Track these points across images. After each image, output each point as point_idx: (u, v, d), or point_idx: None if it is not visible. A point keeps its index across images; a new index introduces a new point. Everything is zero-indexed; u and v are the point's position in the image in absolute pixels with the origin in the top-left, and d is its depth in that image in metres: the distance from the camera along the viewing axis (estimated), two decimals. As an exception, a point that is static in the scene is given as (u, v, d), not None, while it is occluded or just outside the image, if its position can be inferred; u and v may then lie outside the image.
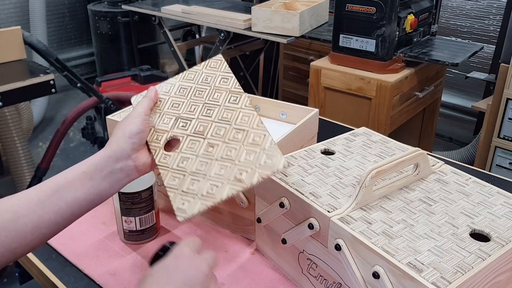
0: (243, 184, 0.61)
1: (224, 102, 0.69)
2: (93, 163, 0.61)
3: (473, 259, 0.56)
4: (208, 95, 0.71)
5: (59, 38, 3.89)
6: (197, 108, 0.70)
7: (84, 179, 0.60)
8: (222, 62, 0.73)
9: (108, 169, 0.61)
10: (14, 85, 1.62)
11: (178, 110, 0.70)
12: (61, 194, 0.59)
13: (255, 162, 0.62)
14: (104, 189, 0.61)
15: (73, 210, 0.59)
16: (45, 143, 2.97)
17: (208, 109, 0.69)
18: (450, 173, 0.75)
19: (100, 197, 0.61)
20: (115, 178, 0.61)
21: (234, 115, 0.67)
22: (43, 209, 0.57)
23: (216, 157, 0.64)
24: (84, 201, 0.60)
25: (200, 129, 0.67)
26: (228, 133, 0.66)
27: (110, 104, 2.21)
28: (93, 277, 0.79)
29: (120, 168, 0.61)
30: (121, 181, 0.62)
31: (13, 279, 1.97)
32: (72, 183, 0.59)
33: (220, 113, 0.68)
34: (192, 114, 0.69)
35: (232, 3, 2.71)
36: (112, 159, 0.61)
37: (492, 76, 2.25)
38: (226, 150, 0.64)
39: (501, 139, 1.91)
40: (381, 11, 1.73)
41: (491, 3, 2.73)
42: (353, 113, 1.93)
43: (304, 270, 0.73)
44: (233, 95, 0.69)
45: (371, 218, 0.64)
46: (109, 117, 0.96)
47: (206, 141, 0.66)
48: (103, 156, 0.61)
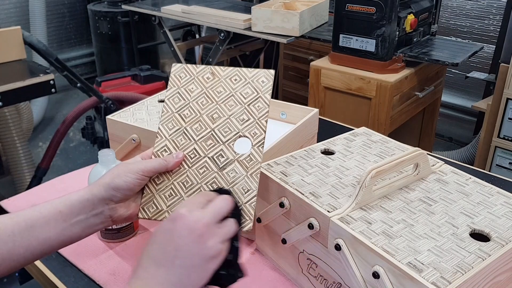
0: None
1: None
2: (71, 204, 0.61)
3: (473, 259, 0.56)
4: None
5: (59, 38, 3.89)
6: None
7: (59, 219, 0.60)
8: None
9: (83, 215, 0.61)
10: (14, 85, 1.62)
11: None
12: (34, 231, 0.58)
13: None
14: (76, 233, 0.61)
15: (43, 248, 0.59)
16: (45, 143, 2.97)
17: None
18: (450, 173, 0.75)
19: (71, 240, 0.61)
20: (88, 223, 0.61)
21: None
22: (15, 243, 0.57)
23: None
24: (55, 241, 0.60)
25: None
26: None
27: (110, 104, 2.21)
28: (93, 277, 0.79)
29: (94, 214, 0.61)
30: (94, 227, 0.62)
31: (13, 279, 1.97)
32: (47, 221, 0.59)
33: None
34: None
35: (232, 3, 2.71)
36: (89, 204, 0.61)
37: (492, 76, 2.25)
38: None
39: (501, 139, 1.91)
40: (381, 11, 1.73)
41: (491, 3, 2.73)
42: (353, 113, 1.93)
43: (304, 270, 0.73)
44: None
45: (371, 218, 0.64)
46: (109, 117, 0.96)
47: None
48: (82, 197, 0.61)
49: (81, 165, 1.36)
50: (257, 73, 0.71)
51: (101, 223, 0.62)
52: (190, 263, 0.53)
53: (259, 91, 0.70)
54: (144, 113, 0.98)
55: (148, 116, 0.97)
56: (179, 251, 0.53)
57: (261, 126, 0.67)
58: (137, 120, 0.95)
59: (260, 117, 0.68)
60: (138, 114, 0.98)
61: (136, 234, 0.88)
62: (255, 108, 0.69)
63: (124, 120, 0.95)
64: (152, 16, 2.65)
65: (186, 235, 0.54)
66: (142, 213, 0.65)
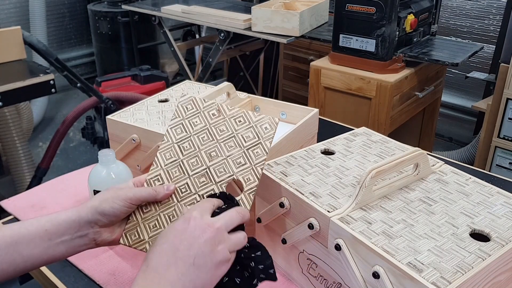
0: None
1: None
2: (58, 224, 0.61)
3: (473, 259, 0.56)
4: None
5: (59, 38, 3.89)
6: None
7: (44, 237, 0.60)
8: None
9: (68, 235, 0.61)
10: (14, 85, 1.61)
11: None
12: (19, 247, 0.59)
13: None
14: (59, 253, 0.61)
15: (26, 265, 0.60)
16: (45, 143, 2.97)
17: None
18: (450, 173, 0.75)
19: (54, 259, 0.61)
20: (72, 244, 0.62)
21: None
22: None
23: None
24: (38, 259, 0.60)
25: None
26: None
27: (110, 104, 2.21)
28: (93, 277, 0.79)
29: (79, 235, 0.62)
30: (78, 248, 0.63)
31: (13, 279, 1.97)
32: (32, 238, 0.59)
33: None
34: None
35: (232, 3, 2.71)
36: (75, 225, 0.61)
37: (492, 76, 2.25)
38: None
39: (501, 139, 1.91)
40: (381, 11, 1.73)
41: (491, 3, 2.73)
42: (353, 113, 1.93)
43: (304, 270, 0.73)
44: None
45: (371, 218, 0.64)
46: (109, 117, 0.96)
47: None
48: (69, 218, 0.61)
49: (81, 165, 1.36)
50: (262, 118, 0.71)
51: (84, 245, 0.63)
52: (202, 262, 0.54)
53: (261, 137, 0.70)
54: (144, 113, 0.98)
55: (148, 116, 0.97)
56: (192, 250, 0.54)
57: (256, 172, 0.67)
58: (137, 120, 0.95)
59: (256, 164, 0.67)
60: (138, 114, 0.98)
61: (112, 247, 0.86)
62: (253, 153, 0.68)
63: (124, 120, 0.95)
64: (152, 16, 2.65)
65: (199, 235, 0.54)
66: (124, 240, 0.65)
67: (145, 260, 0.55)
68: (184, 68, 2.74)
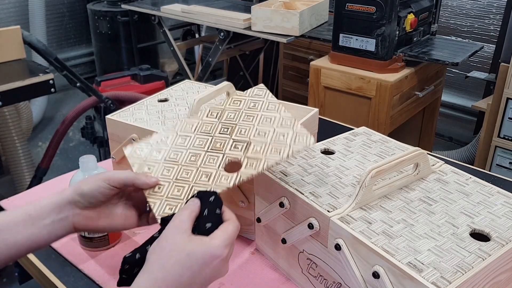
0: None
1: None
2: (40, 207, 0.61)
3: (473, 259, 0.56)
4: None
5: (59, 38, 3.89)
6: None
7: (28, 222, 0.60)
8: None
9: (50, 218, 0.61)
10: (14, 85, 1.61)
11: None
12: (3, 235, 0.59)
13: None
14: (42, 237, 0.61)
15: (11, 253, 0.60)
16: (45, 142, 2.97)
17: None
18: (450, 173, 0.75)
19: (37, 245, 0.61)
20: (54, 228, 0.61)
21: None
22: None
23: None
24: (22, 246, 0.60)
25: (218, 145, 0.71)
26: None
27: (110, 104, 2.21)
28: (93, 277, 0.78)
29: (60, 218, 0.62)
30: (59, 232, 0.62)
31: (13, 279, 1.97)
32: (16, 224, 0.60)
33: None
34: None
35: (232, 3, 2.71)
36: (57, 207, 0.62)
37: (492, 76, 2.25)
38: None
39: (501, 139, 1.91)
40: (381, 10, 1.73)
41: (491, 3, 2.73)
42: (353, 113, 1.93)
43: (304, 270, 0.72)
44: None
45: (371, 218, 0.64)
46: (108, 116, 0.96)
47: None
48: (51, 200, 0.62)
49: (80, 164, 1.36)
50: (304, 132, 0.72)
51: (65, 229, 0.62)
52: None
53: (291, 145, 0.70)
54: (143, 113, 0.98)
55: (148, 115, 0.97)
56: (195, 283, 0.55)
57: (261, 164, 0.68)
58: (137, 120, 0.95)
59: (268, 159, 0.68)
60: (137, 113, 0.98)
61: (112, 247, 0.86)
62: (272, 150, 0.70)
63: (124, 120, 0.94)
64: (152, 15, 2.65)
65: (207, 273, 0.55)
66: (160, 212, 0.63)
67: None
68: (183, 67, 2.74)
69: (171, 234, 0.56)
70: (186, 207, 0.59)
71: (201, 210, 0.59)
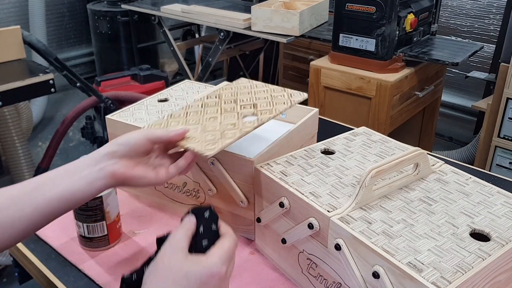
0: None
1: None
2: (77, 163, 0.63)
3: (473, 259, 0.56)
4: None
5: (59, 38, 3.89)
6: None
7: (65, 176, 0.62)
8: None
9: (88, 169, 0.62)
10: (14, 85, 1.61)
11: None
12: (41, 190, 0.60)
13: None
14: (80, 188, 0.61)
15: (51, 206, 0.60)
16: (45, 142, 2.97)
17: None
18: (450, 173, 0.75)
19: (76, 198, 0.62)
20: (91, 178, 0.62)
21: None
22: (23, 203, 0.59)
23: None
24: (61, 199, 0.60)
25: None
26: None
27: (110, 104, 2.21)
28: (93, 277, 0.78)
29: (98, 169, 0.62)
30: (96, 182, 0.62)
31: (13, 279, 1.97)
32: (53, 179, 0.61)
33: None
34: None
35: (231, 3, 2.71)
36: (93, 161, 0.63)
37: (492, 76, 2.25)
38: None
39: (501, 139, 1.91)
40: (381, 10, 1.73)
41: (492, 2, 2.73)
42: (353, 113, 1.93)
43: (304, 270, 0.72)
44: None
45: (371, 217, 0.64)
46: (108, 116, 0.96)
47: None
48: (88, 157, 0.64)
49: (80, 164, 1.35)
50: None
51: (103, 179, 0.62)
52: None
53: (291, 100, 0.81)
54: (143, 113, 0.98)
55: (148, 115, 0.97)
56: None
57: (276, 109, 0.79)
58: (137, 120, 0.95)
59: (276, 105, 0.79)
60: (137, 113, 0.98)
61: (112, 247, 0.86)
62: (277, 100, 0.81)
63: (124, 120, 0.94)
64: (152, 15, 2.65)
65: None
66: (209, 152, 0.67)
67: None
68: (183, 67, 2.74)
69: (168, 254, 0.56)
70: (182, 226, 0.58)
71: (196, 227, 0.59)
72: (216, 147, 0.67)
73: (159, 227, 0.90)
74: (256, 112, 0.77)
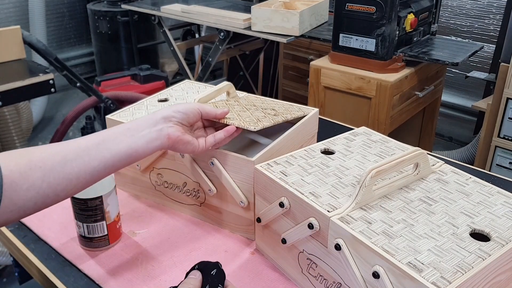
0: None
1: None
2: (137, 123, 0.70)
3: (473, 259, 0.56)
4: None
5: (59, 38, 3.89)
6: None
7: (127, 134, 0.68)
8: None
9: (147, 129, 0.69)
10: (14, 85, 1.61)
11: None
12: (106, 144, 0.65)
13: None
14: (141, 146, 0.68)
15: (114, 160, 0.66)
16: (45, 142, 2.97)
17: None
18: (450, 173, 0.75)
19: (137, 153, 0.68)
20: (150, 137, 0.69)
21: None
22: (90, 156, 0.63)
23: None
24: (124, 154, 0.66)
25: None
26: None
27: (110, 104, 2.21)
28: (93, 277, 0.78)
29: (156, 130, 0.70)
30: (154, 141, 0.69)
31: (13, 279, 1.97)
32: (116, 135, 0.67)
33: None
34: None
35: (231, 3, 2.71)
36: (152, 121, 0.70)
37: (492, 76, 2.25)
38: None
39: (501, 139, 1.91)
40: (381, 10, 1.73)
41: (491, 2, 2.73)
42: (353, 113, 1.93)
43: (304, 270, 0.72)
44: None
45: (371, 217, 0.64)
46: (108, 116, 0.96)
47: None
48: (147, 116, 0.72)
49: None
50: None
51: (160, 139, 0.70)
52: None
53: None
54: (143, 113, 0.98)
55: (148, 115, 0.97)
56: None
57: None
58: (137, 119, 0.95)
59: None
60: (137, 113, 0.98)
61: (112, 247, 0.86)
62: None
63: (124, 120, 0.94)
64: (152, 15, 2.65)
65: None
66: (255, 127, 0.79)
67: None
68: (183, 67, 2.74)
69: None
70: (187, 282, 0.59)
71: (202, 285, 0.58)
72: (259, 125, 0.79)
73: (159, 227, 0.91)
74: (277, 113, 0.88)
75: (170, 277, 0.78)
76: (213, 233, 0.89)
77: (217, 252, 0.84)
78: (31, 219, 0.92)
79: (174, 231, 0.89)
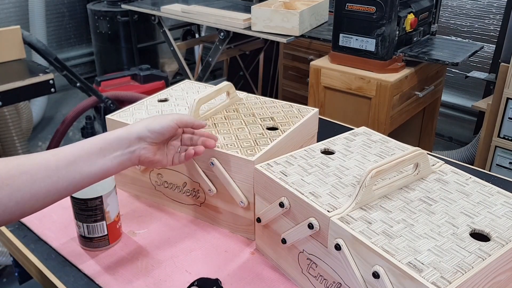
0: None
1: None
2: (110, 141, 0.68)
3: (473, 259, 0.56)
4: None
5: (59, 38, 3.89)
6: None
7: (99, 155, 0.66)
8: None
9: (120, 150, 0.68)
10: (14, 85, 1.61)
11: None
12: (77, 165, 0.64)
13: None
14: (112, 168, 0.67)
15: (84, 182, 0.65)
16: (45, 142, 2.97)
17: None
18: (450, 173, 0.75)
19: (108, 174, 0.68)
20: (122, 159, 0.68)
21: None
22: (59, 177, 0.62)
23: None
24: (94, 175, 0.66)
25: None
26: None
27: (110, 104, 2.21)
28: (93, 277, 0.78)
29: (128, 151, 0.69)
30: (126, 162, 0.69)
31: (13, 279, 1.97)
32: (89, 155, 0.65)
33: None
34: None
35: (232, 3, 2.70)
36: (126, 141, 0.69)
37: (492, 76, 2.25)
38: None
39: (501, 139, 1.91)
40: (381, 10, 1.73)
41: (491, 2, 2.73)
42: (353, 113, 1.93)
43: (304, 270, 0.72)
44: None
45: (371, 218, 0.64)
46: (108, 116, 0.96)
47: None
48: (120, 135, 0.69)
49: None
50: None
51: (131, 161, 0.70)
52: None
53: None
54: (143, 113, 0.98)
55: (148, 115, 0.97)
56: None
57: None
58: (137, 120, 0.95)
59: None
60: (137, 113, 0.98)
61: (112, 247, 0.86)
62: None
63: (124, 120, 0.94)
64: (152, 15, 2.65)
65: None
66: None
67: None
68: (183, 67, 2.74)
69: None
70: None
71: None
72: (256, 153, 0.80)
73: (159, 227, 0.91)
74: (276, 124, 0.91)
75: (170, 277, 0.78)
76: (213, 233, 0.89)
77: (217, 252, 0.84)
78: (31, 219, 0.92)
79: (174, 231, 0.89)
